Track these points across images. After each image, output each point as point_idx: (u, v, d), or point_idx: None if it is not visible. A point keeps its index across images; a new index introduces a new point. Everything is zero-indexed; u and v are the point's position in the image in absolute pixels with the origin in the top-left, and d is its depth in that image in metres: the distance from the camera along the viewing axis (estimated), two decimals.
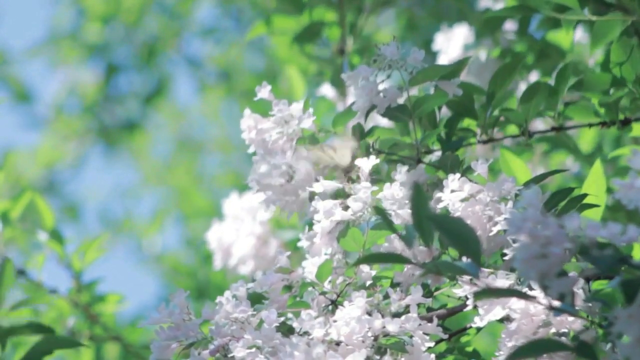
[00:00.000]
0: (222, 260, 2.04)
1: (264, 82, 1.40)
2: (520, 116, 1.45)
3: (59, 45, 4.42)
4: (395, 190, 1.29)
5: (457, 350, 1.36)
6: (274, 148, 1.38)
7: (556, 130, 1.51)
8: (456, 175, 1.28)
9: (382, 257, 1.17)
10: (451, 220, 1.06)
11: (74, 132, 4.64)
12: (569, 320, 1.12)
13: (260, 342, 1.17)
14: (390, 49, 1.36)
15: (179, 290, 1.24)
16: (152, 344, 1.22)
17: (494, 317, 1.15)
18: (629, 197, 1.03)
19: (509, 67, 1.44)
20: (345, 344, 1.15)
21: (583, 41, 1.92)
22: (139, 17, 4.32)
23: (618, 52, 1.44)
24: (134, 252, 4.40)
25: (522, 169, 1.46)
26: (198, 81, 4.58)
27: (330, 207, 1.29)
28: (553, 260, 1.02)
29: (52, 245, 1.99)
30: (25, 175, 4.54)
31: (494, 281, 1.17)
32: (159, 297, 3.88)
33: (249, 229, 2.04)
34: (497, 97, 1.44)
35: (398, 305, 1.20)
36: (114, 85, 4.51)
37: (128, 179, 6.08)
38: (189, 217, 4.37)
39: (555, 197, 1.28)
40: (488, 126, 1.46)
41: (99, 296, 2.05)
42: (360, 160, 1.32)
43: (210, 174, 4.78)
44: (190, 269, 3.62)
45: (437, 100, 1.38)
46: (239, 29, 4.28)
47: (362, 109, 1.39)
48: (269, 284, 1.27)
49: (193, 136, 4.94)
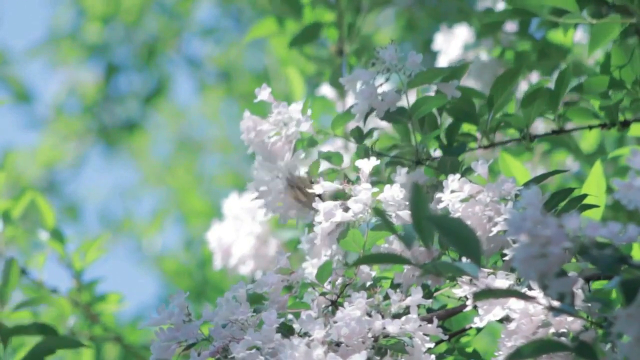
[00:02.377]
0: (222, 261, 2.04)
1: (263, 84, 1.40)
2: (521, 120, 1.46)
3: (59, 46, 4.42)
4: (395, 191, 1.29)
5: (457, 351, 1.36)
6: (273, 150, 1.38)
7: (556, 133, 1.51)
8: (456, 176, 1.28)
9: (381, 257, 1.17)
10: (450, 221, 1.06)
11: (73, 132, 4.64)
12: (568, 320, 1.12)
13: (260, 343, 1.17)
14: (388, 52, 1.36)
15: (179, 292, 1.24)
16: (152, 345, 1.22)
17: (493, 317, 1.16)
18: (629, 197, 1.03)
19: (511, 73, 1.44)
20: (345, 345, 1.15)
21: (583, 41, 1.92)
22: (139, 17, 4.32)
23: (618, 54, 1.45)
24: (134, 252, 4.40)
25: (521, 171, 1.46)
26: (198, 81, 4.58)
27: (331, 208, 1.29)
28: (552, 260, 1.02)
29: (52, 244, 1.99)
30: (25, 175, 4.54)
31: (493, 281, 1.17)
32: (158, 297, 3.89)
33: (248, 229, 2.04)
34: (498, 103, 1.44)
35: (398, 306, 1.20)
36: (114, 85, 4.51)
37: (128, 179, 6.08)
38: (188, 217, 4.37)
39: (555, 197, 1.28)
40: (489, 131, 1.46)
41: (99, 296, 2.05)
42: (361, 161, 1.32)
43: (210, 174, 4.77)
44: (190, 269, 3.62)
45: (436, 102, 1.38)
46: (238, 29, 4.28)
47: (361, 112, 1.39)
48: (269, 284, 1.27)
49: (193, 136, 4.94)
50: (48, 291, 2.00)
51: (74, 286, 2.02)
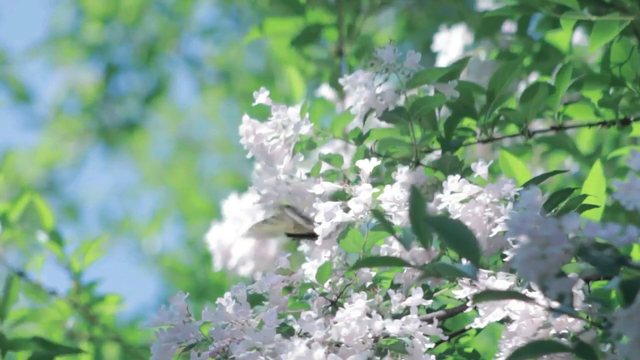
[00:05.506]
0: (222, 261, 2.03)
1: (262, 87, 1.40)
2: (520, 116, 1.45)
3: (59, 46, 4.42)
4: (396, 192, 1.29)
5: (457, 351, 1.36)
6: (273, 153, 1.39)
7: (556, 129, 1.51)
8: (456, 177, 1.28)
9: (379, 260, 1.17)
10: (449, 222, 1.06)
11: (73, 132, 4.64)
12: (569, 321, 1.12)
13: (260, 343, 1.17)
14: (387, 52, 1.36)
15: (179, 292, 1.24)
16: (152, 346, 1.22)
17: (494, 318, 1.16)
18: (628, 198, 1.03)
19: (510, 67, 1.44)
20: (345, 345, 1.15)
21: (582, 43, 1.92)
22: (139, 17, 4.32)
23: (618, 52, 1.45)
24: (133, 253, 4.40)
25: (522, 170, 1.46)
26: (198, 81, 4.58)
27: (331, 208, 1.29)
28: (552, 261, 1.02)
29: (51, 246, 1.99)
30: (24, 175, 4.55)
31: (493, 283, 1.17)
32: (158, 298, 3.89)
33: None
34: (497, 97, 1.44)
35: (398, 307, 1.20)
36: (114, 85, 4.51)
37: (127, 179, 6.07)
38: (188, 217, 4.37)
39: (554, 197, 1.28)
40: (488, 126, 1.46)
41: (99, 297, 2.05)
42: (361, 162, 1.32)
43: (209, 174, 4.77)
44: (190, 270, 3.62)
45: (435, 102, 1.38)
46: (238, 29, 4.28)
47: (360, 112, 1.39)
48: (269, 285, 1.27)
49: (193, 136, 4.94)
50: (47, 293, 2.00)
51: (73, 287, 2.02)
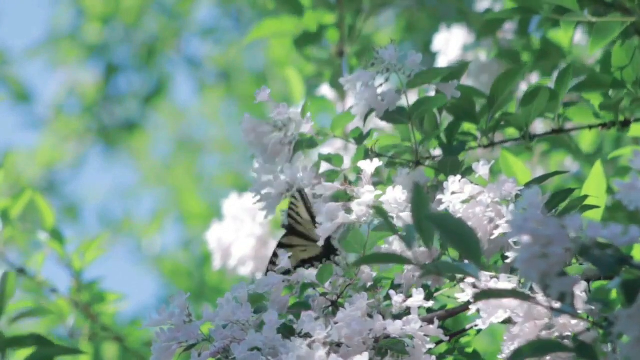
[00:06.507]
0: (222, 261, 2.03)
1: (263, 85, 1.40)
2: (520, 120, 1.45)
3: (59, 46, 4.43)
4: (397, 193, 1.29)
5: (457, 351, 1.36)
6: (273, 152, 1.38)
7: (556, 132, 1.51)
8: (457, 177, 1.28)
9: (381, 257, 1.17)
10: (451, 221, 1.06)
11: (73, 132, 4.64)
12: (572, 323, 1.12)
13: (261, 343, 1.17)
14: (388, 52, 1.36)
15: (180, 292, 1.24)
16: (152, 346, 1.22)
17: (496, 319, 1.15)
18: (630, 198, 1.03)
19: (512, 73, 1.43)
20: (346, 346, 1.15)
21: (582, 42, 1.92)
22: (139, 17, 4.32)
23: (620, 53, 1.44)
24: (133, 252, 4.40)
25: (522, 170, 1.46)
26: (197, 81, 4.58)
27: (334, 209, 1.29)
28: (554, 260, 1.02)
29: (52, 244, 1.99)
30: (25, 175, 4.55)
31: (495, 284, 1.17)
32: (158, 297, 3.89)
33: (248, 230, 2.04)
34: (498, 102, 1.44)
35: (399, 307, 1.20)
36: (114, 85, 4.51)
37: (127, 179, 6.08)
38: (188, 217, 4.37)
39: (555, 197, 1.28)
40: (489, 130, 1.46)
41: (99, 296, 2.05)
42: (363, 163, 1.32)
43: (209, 174, 4.78)
44: (189, 270, 3.62)
45: (436, 102, 1.38)
46: (238, 29, 4.28)
47: (361, 112, 1.39)
48: (269, 285, 1.26)
49: (192, 136, 4.94)
50: (47, 290, 2.00)
51: (73, 286, 2.02)
